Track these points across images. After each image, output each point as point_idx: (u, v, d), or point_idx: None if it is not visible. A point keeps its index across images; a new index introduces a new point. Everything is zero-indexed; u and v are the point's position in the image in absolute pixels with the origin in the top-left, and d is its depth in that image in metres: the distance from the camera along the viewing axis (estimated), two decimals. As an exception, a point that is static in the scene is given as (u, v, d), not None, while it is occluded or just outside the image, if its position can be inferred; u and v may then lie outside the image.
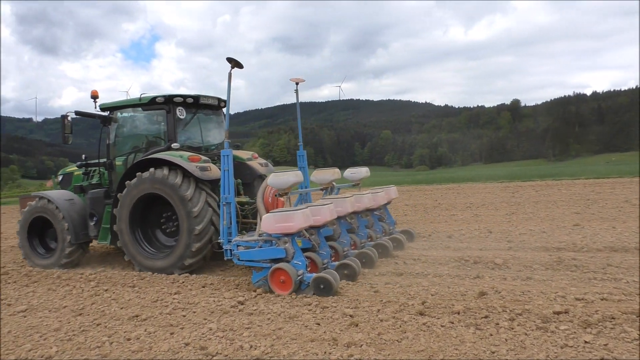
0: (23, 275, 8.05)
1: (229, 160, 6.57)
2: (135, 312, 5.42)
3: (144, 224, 8.18)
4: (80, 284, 7.08)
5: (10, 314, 5.78)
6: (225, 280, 6.73)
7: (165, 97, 8.32)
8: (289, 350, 4.04)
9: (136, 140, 8.98)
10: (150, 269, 7.74)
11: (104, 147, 8.92)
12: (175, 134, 8.33)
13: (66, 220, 8.56)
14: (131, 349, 4.30)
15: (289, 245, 5.99)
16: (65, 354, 4.32)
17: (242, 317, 5.02)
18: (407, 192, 21.92)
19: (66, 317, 5.50)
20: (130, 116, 8.98)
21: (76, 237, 8.63)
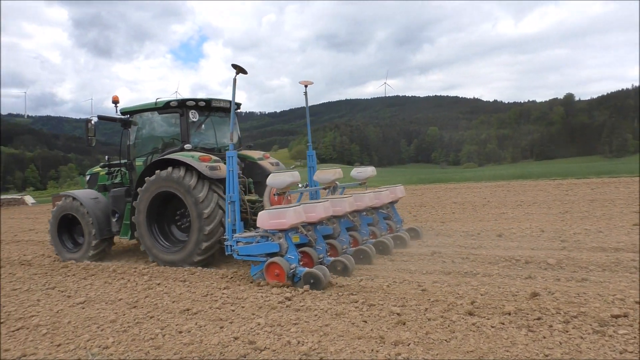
0: (81, 268, 8.42)
1: (234, 162, 7.08)
2: (186, 306, 5.57)
3: (160, 219, 8.70)
4: (134, 278, 7.34)
5: (69, 305, 6.06)
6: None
7: (179, 101, 8.83)
8: (335, 347, 4.05)
9: (154, 142, 9.48)
10: (163, 262, 8.26)
11: (125, 149, 9.55)
12: (188, 135, 8.79)
13: (91, 217, 9.22)
14: (183, 342, 4.43)
15: (283, 240, 6.39)
16: (121, 345, 4.50)
17: (290, 313, 5.08)
18: (455, 189, 21.54)
19: (121, 309, 5.71)
20: (148, 119, 9.46)
21: (100, 232, 9.27)
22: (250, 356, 4.01)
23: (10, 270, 8.81)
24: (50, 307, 6.02)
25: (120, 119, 9.50)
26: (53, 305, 6.11)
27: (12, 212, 26.76)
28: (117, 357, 4.20)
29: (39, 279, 7.82)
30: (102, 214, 9.40)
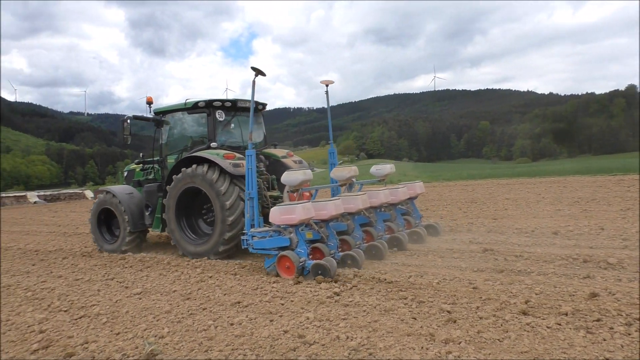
0: (138, 260, 8.74)
1: (253, 160, 7.45)
2: (237, 299, 5.69)
3: (188, 214, 9.27)
4: (187, 270, 7.56)
5: (127, 295, 6.32)
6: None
7: (206, 101, 9.26)
8: (385, 343, 4.03)
9: (184, 140, 10.06)
10: (190, 254, 8.76)
11: (157, 147, 10.07)
12: (215, 134, 9.23)
13: (126, 211, 9.79)
14: (234, 334, 4.53)
15: (293, 235, 6.79)
16: (176, 335, 4.65)
17: (338, 308, 5.09)
18: (507, 185, 20.92)
19: (176, 300, 5.90)
20: (178, 119, 9.98)
21: (134, 225, 9.84)
22: (299, 350, 4.05)
23: (72, 262, 9.26)
24: (110, 297, 6.30)
25: (153, 119, 10.05)
26: (112, 295, 6.39)
27: (73, 206, 28.08)
28: (172, 346, 4.35)
29: (98, 270, 8.18)
30: (136, 208, 9.96)
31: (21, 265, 9.30)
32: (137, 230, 9.99)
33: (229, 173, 8.26)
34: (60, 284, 7.28)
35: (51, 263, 9.28)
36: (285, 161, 9.70)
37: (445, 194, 19.25)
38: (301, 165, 9.60)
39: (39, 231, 15.65)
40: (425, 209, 14.20)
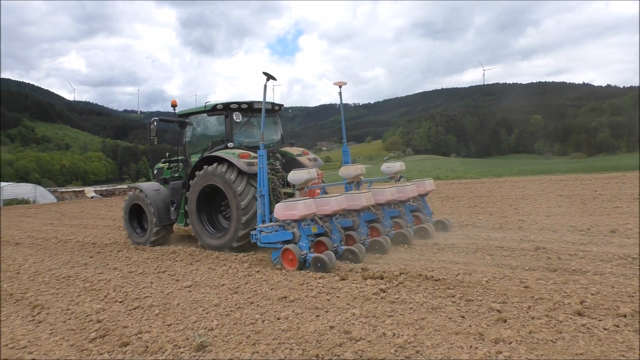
0: (188, 254, 8.97)
1: (264, 160, 8.03)
2: (283, 294, 5.76)
3: (208, 209, 9.84)
4: (235, 265, 7.70)
5: (178, 288, 6.50)
6: (366, 269, 6.81)
7: (224, 104, 9.83)
8: (432, 342, 3.98)
9: (205, 140, 10.64)
10: (209, 246, 9.36)
11: (182, 147, 10.74)
12: (232, 134, 9.81)
13: (152, 206, 10.46)
14: (281, 328, 4.58)
15: (296, 229, 7.30)
16: (224, 327, 4.75)
17: (384, 305, 5.06)
18: (561, 181, 20.19)
19: (224, 294, 6.03)
20: (199, 121, 10.59)
21: (160, 220, 10.51)
22: (345, 346, 4.06)
23: (126, 254, 9.62)
24: (162, 289, 6.50)
25: (177, 121, 10.67)
26: (164, 287, 6.59)
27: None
28: (220, 339, 4.45)
29: (151, 263, 8.46)
30: (162, 204, 10.61)
31: (80, 257, 9.75)
32: (163, 224, 10.63)
33: (247, 174, 8.76)
34: (115, 276, 7.58)
35: (107, 256, 9.68)
36: (300, 159, 10.19)
37: (495, 190, 18.78)
38: (315, 163, 10.17)
39: (96, 225, 16.37)
40: (474, 205, 13.92)
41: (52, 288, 7.13)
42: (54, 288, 7.13)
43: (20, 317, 5.80)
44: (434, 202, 15.84)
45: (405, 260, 7.12)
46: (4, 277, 8.22)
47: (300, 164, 9.94)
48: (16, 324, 5.54)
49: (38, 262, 9.52)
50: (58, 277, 7.84)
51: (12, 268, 9.04)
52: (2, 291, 7.21)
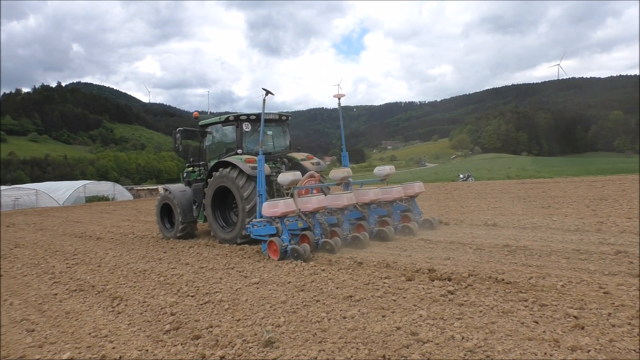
0: (255, 252, 9.19)
1: (262, 164, 9.26)
2: (349, 293, 5.76)
3: (221, 207, 11.19)
4: (301, 263, 7.79)
5: (246, 284, 6.67)
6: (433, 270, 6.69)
7: (235, 116, 11.29)
8: (503, 347, 3.85)
9: (220, 147, 12.02)
10: (220, 239, 10.77)
11: (202, 153, 12.48)
12: (242, 142, 11.15)
13: (178, 205, 11.95)
14: (347, 327, 4.59)
15: (279, 224, 8.48)
16: (291, 324, 4.82)
17: (453, 307, 4.95)
18: (645, 181, 18.87)
19: (291, 291, 6.12)
20: (216, 130, 12.07)
21: (184, 217, 11.98)
22: (412, 347, 4.00)
23: (197, 250, 10.00)
24: (231, 285, 6.70)
25: (198, 130, 12.35)
26: (233, 283, 6.79)
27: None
28: (288, 335, 4.52)
29: (220, 260, 8.73)
30: (186, 203, 12.08)
31: (154, 252, 10.23)
32: (187, 221, 12.05)
33: (252, 176, 9.82)
34: (187, 271, 7.89)
35: (179, 251, 10.10)
36: (304, 163, 11.29)
37: (570, 190, 17.86)
38: (318, 167, 11.21)
39: (169, 222, 17.06)
40: (548, 206, 13.31)
41: (130, 281, 7.54)
42: (131, 281, 7.53)
43: (102, 307, 6.17)
44: (505, 201, 15.30)
45: (474, 262, 6.92)
46: (87, 270, 8.78)
47: (304, 167, 11.05)
48: (98, 314, 5.90)
49: (117, 256, 10.09)
50: (135, 271, 8.28)
51: (94, 261, 9.64)
52: (85, 283, 7.71)
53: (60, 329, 5.42)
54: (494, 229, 9.87)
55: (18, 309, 6.45)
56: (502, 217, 11.55)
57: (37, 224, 20.79)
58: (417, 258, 7.45)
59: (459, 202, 16.51)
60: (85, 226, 18.21)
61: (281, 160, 11.69)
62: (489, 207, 14.14)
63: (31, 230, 18.09)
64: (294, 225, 8.69)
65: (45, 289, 7.58)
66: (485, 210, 13.64)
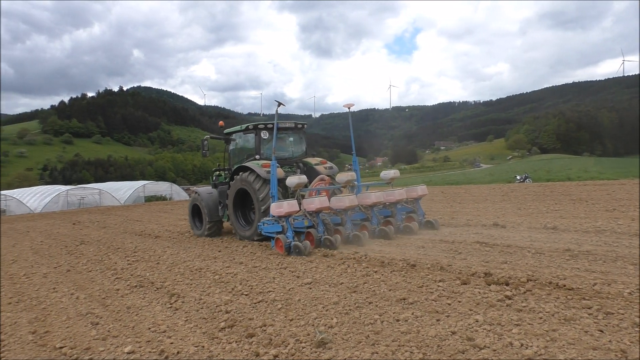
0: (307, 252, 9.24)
1: (274, 168, 10.29)
2: (402, 295, 5.69)
3: (242, 207, 12.19)
4: (353, 264, 7.76)
5: (299, 284, 6.72)
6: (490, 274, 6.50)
7: (253, 125, 12.42)
8: (565, 355, 3.68)
9: (242, 153, 13.11)
10: (240, 237, 11.95)
11: (227, 158, 13.77)
12: (260, 148, 12.20)
13: (205, 206, 13.12)
14: (400, 330, 4.53)
15: (284, 223, 9.47)
16: (344, 326, 4.81)
17: (511, 313, 4.79)
18: None
19: (343, 292, 6.11)
20: (238, 137, 13.26)
21: (211, 217, 13.12)
22: (468, 353, 3.90)
23: (251, 250, 10.17)
24: (284, 284, 6.77)
25: (223, 138, 13.67)
26: (285, 283, 6.86)
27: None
28: (340, 337, 4.52)
29: (273, 259, 8.84)
30: (213, 204, 13.23)
31: (210, 251, 10.50)
32: (213, 221, 13.18)
33: (267, 180, 10.75)
34: (241, 270, 8.04)
35: (233, 251, 10.31)
36: (318, 167, 12.28)
37: (637, 193, 16.91)
38: (330, 171, 12.16)
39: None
40: (612, 209, 12.66)
41: (187, 279, 7.76)
42: (188, 279, 7.75)
43: (160, 303, 6.39)
44: (566, 204, 14.69)
45: (533, 267, 6.67)
46: (147, 267, 9.12)
47: (317, 171, 12.08)
48: (157, 310, 6.11)
49: (174, 254, 10.42)
50: (191, 269, 8.52)
51: (153, 259, 10.00)
52: (144, 279, 8.00)
53: (122, 323, 5.66)
54: (554, 233, 9.49)
55: (84, 303, 6.78)
56: (563, 220, 11.09)
57: (100, 222, 21.80)
58: (473, 261, 7.26)
59: (516, 204, 15.98)
60: (145, 225, 18.92)
61: (297, 165, 12.70)
62: (549, 210, 13.61)
63: (95, 228, 18.99)
64: (301, 223, 9.72)
65: (108, 284, 7.93)
66: (544, 212, 13.14)
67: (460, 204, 17.65)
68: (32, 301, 7.20)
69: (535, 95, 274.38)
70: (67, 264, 10.26)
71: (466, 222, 11.90)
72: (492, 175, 41.07)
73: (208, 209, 13.13)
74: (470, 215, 13.68)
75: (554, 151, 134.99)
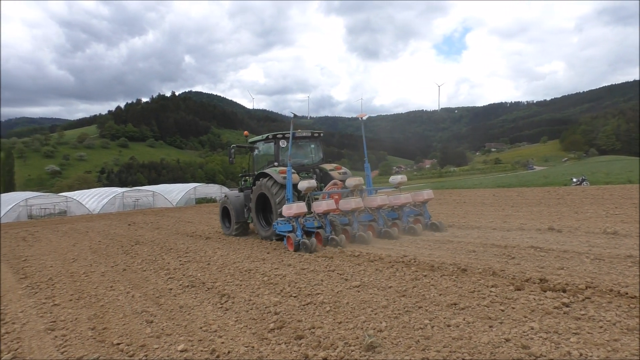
0: (355, 256, 9.20)
1: (289, 174, 11.33)
2: (453, 300, 5.57)
3: (263, 210, 13.31)
4: (402, 267, 7.67)
5: (347, 287, 6.70)
6: (545, 280, 6.27)
7: (273, 134, 13.53)
8: (629, 368, 3.50)
9: (263, 160, 14.42)
10: (261, 237, 13.06)
11: (251, 165, 15.09)
12: (278, 156, 13.34)
13: (233, 208, 14.58)
14: (451, 336, 4.43)
15: (294, 223, 10.64)
16: (393, 330, 4.75)
17: (568, 321, 4.60)
18: None
19: (392, 296, 6.04)
20: (260, 146, 14.56)
21: (237, 218, 14.53)
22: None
23: (299, 252, 10.21)
24: (332, 287, 6.76)
25: (248, 146, 15.13)
26: (333, 285, 6.85)
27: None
28: (390, 341, 4.46)
29: (321, 262, 8.86)
30: (239, 206, 14.57)
31: (258, 252, 10.64)
32: (240, 222, 14.51)
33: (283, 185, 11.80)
34: (289, 272, 8.10)
35: (282, 252, 10.40)
36: (332, 173, 13.34)
37: None
38: (343, 176, 13.12)
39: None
40: (679, 213, 11.94)
41: (237, 279, 7.89)
42: (237, 279, 7.88)
43: (211, 303, 6.51)
44: (627, 208, 13.98)
45: (592, 273, 6.39)
46: (198, 267, 9.33)
47: (332, 177, 13.18)
48: (208, 309, 6.23)
49: (224, 255, 10.62)
50: (241, 270, 8.65)
51: (204, 259, 10.23)
52: (196, 279, 8.19)
53: (175, 322, 5.80)
54: (614, 238, 9.05)
55: (139, 301, 7.01)
56: (624, 225, 10.56)
57: (153, 223, 22.53)
58: (527, 267, 7.02)
59: (573, 208, 15.35)
60: (196, 226, 19.40)
61: (313, 171, 13.84)
62: (608, 214, 12.99)
63: (149, 229, 19.63)
64: (312, 224, 10.75)
65: (161, 283, 8.16)
66: (603, 217, 12.56)
67: (513, 207, 17.12)
68: (91, 299, 7.50)
69: (593, 94, 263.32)
70: (123, 263, 10.65)
71: (519, 226, 11.53)
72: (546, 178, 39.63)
73: (235, 211, 14.51)
74: (523, 219, 13.26)
75: (613, 152, 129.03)
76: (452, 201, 22.23)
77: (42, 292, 8.26)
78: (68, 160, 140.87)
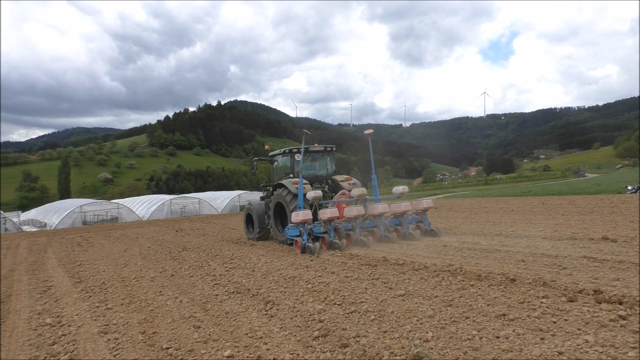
0: (399, 264, 9.10)
1: (301, 185, 12.49)
2: (502, 311, 5.42)
3: (281, 217, 14.55)
4: (448, 276, 7.53)
5: (392, 296, 6.63)
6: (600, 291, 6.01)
7: (289, 149, 15.13)
8: (694, 386, 3.30)
9: (281, 172, 15.86)
10: (280, 241, 14.13)
11: (271, 176, 16.60)
12: (293, 169, 14.76)
13: (255, 215, 15.98)
14: (501, 348, 4.32)
15: (301, 228, 11.94)
16: (440, 340, 4.67)
17: (626, 334, 4.39)
18: None
19: (438, 306, 5.94)
20: (279, 159, 16.03)
21: (260, 224, 15.90)
22: (578, 376, 3.62)
23: (342, 260, 10.18)
24: (376, 296, 6.70)
25: (268, 159, 16.55)
26: (378, 294, 6.79)
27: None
28: (436, 351, 4.39)
29: (365, 270, 8.80)
30: (261, 213, 15.95)
31: (302, 260, 10.67)
32: (261, 227, 15.83)
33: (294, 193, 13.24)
34: (333, 280, 8.09)
35: (325, 260, 10.40)
36: (342, 183, 14.56)
37: None
38: (353, 186, 14.17)
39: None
40: None
41: (281, 286, 7.95)
42: (282, 286, 7.93)
43: (256, 310, 6.58)
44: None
45: (651, 285, 6.08)
46: (243, 274, 9.46)
47: (341, 187, 14.36)
48: (253, 316, 6.31)
49: (268, 262, 10.72)
50: (285, 277, 8.71)
51: (249, 266, 10.36)
52: (241, 286, 8.30)
53: (221, 328, 5.90)
54: (674, 248, 8.59)
55: (186, 306, 7.17)
56: (685, 235, 10.01)
57: (200, 230, 23.02)
58: (580, 277, 6.76)
59: (628, 216, 14.68)
60: (240, 233, 19.69)
61: (326, 181, 15.22)
62: (667, 223, 12.35)
63: (195, 235, 20.07)
64: (318, 229, 12.10)
65: (208, 289, 8.32)
66: (662, 226, 11.94)
67: (564, 215, 16.53)
68: (141, 303, 7.73)
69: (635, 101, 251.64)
70: (171, 269, 10.92)
71: (571, 235, 11.12)
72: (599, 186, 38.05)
73: (257, 217, 15.94)
74: (575, 227, 12.77)
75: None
76: (499, 209, 21.67)
77: (96, 296, 8.57)
78: (119, 168, 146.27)
